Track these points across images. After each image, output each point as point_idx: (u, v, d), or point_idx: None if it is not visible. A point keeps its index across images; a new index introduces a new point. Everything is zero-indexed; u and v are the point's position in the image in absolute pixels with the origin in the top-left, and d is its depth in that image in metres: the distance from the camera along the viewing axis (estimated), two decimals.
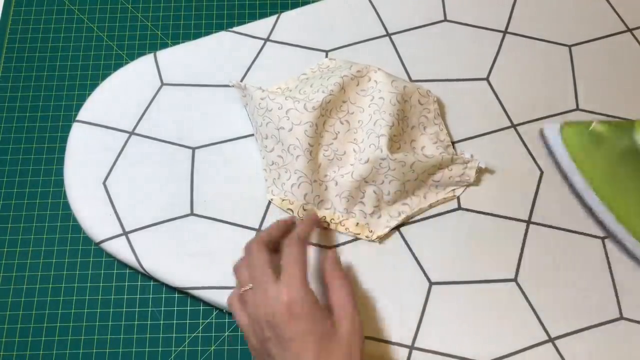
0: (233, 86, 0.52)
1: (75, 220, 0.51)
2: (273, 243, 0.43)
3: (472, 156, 0.49)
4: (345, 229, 0.48)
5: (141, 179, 0.51)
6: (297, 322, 0.37)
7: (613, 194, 0.39)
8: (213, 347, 0.48)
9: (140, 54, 0.57)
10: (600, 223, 0.41)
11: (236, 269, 0.42)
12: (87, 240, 0.51)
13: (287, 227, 0.45)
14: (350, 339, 0.39)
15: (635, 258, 0.41)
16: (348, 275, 0.45)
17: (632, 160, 0.36)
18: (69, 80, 0.57)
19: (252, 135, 0.52)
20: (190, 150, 0.52)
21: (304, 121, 0.47)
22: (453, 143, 0.51)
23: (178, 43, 0.56)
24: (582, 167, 0.40)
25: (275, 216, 0.49)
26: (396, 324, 0.46)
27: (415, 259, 0.48)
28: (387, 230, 0.48)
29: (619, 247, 0.41)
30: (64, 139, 0.53)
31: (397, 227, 0.49)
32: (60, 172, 0.53)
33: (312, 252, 0.48)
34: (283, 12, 0.57)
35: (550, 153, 0.43)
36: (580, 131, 0.40)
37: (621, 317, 0.46)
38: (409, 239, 0.48)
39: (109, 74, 0.55)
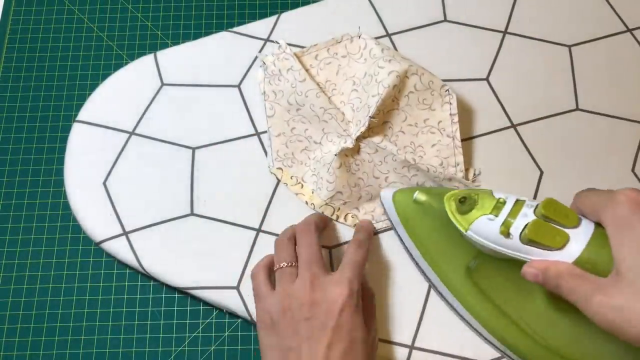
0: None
1: (75, 220, 0.51)
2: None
3: (475, 174, 0.50)
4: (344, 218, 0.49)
5: (141, 179, 0.51)
6: (347, 314, 0.38)
7: (434, 254, 0.44)
8: (213, 347, 0.48)
9: (140, 54, 0.57)
10: (427, 277, 0.46)
11: (280, 243, 0.44)
12: (87, 240, 0.51)
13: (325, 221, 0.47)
14: (373, 346, 0.42)
15: (452, 307, 0.45)
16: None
17: (447, 227, 0.40)
18: (69, 80, 0.57)
19: (252, 135, 0.52)
20: (190, 150, 0.52)
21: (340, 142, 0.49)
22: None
23: (178, 43, 0.56)
24: (408, 229, 0.45)
25: (276, 216, 0.49)
26: (396, 324, 0.46)
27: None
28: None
29: (441, 298, 0.46)
30: (64, 139, 0.53)
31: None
32: (60, 172, 0.53)
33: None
34: (283, 12, 0.57)
35: (387, 216, 0.47)
36: (406, 198, 0.44)
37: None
38: None
39: (109, 74, 0.55)
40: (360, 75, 0.51)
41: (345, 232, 0.49)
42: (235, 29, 0.56)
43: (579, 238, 0.35)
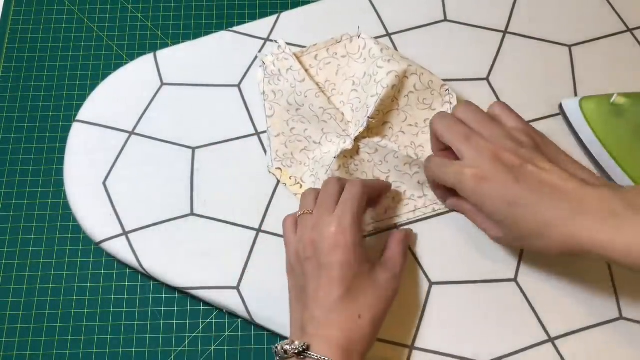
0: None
1: (75, 220, 0.51)
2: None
3: None
4: None
5: (141, 179, 0.51)
6: (338, 252, 0.40)
7: (633, 162, 0.42)
8: (213, 347, 0.48)
9: (140, 54, 0.57)
10: (612, 181, 0.44)
11: (305, 194, 0.45)
12: (87, 240, 0.51)
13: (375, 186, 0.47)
14: (385, 289, 0.41)
15: None
16: (408, 245, 0.47)
17: None
18: (69, 80, 0.57)
19: (252, 135, 0.52)
20: (190, 150, 0.52)
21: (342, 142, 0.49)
22: None
23: (178, 43, 0.56)
24: (603, 137, 0.42)
25: (276, 216, 0.49)
26: (396, 324, 0.46)
27: (416, 259, 0.48)
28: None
29: None
30: (64, 139, 0.53)
31: (397, 227, 0.49)
32: (60, 172, 0.53)
33: None
34: (283, 12, 0.57)
35: (570, 126, 0.45)
36: (600, 104, 0.43)
37: (620, 317, 0.46)
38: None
39: (109, 74, 0.55)
40: (359, 75, 0.51)
41: None
42: (235, 28, 0.56)
43: None
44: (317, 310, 0.39)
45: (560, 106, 0.47)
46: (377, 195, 0.47)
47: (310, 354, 0.37)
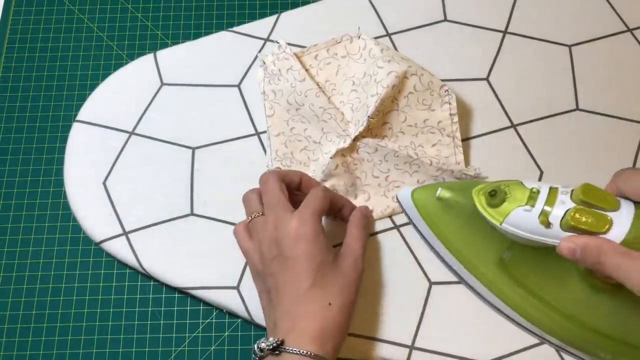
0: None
1: (75, 220, 0.51)
2: (287, 182, 0.45)
3: (475, 173, 0.49)
4: None
5: (141, 179, 0.51)
6: (302, 243, 0.40)
7: (462, 249, 0.44)
8: (213, 347, 0.48)
9: (140, 54, 0.57)
10: (454, 272, 0.46)
11: (247, 197, 0.45)
12: (87, 240, 0.51)
13: (305, 181, 0.47)
14: (349, 274, 0.42)
15: (484, 299, 0.45)
16: (367, 230, 0.47)
17: (475, 221, 0.41)
18: (69, 80, 0.57)
19: (252, 135, 0.52)
20: (190, 150, 0.52)
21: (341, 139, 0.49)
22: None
23: (178, 43, 0.56)
24: (432, 226, 0.45)
25: None
26: (396, 324, 0.46)
27: (415, 259, 0.48)
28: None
29: (471, 291, 0.46)
30: (64, 139, 0.53)
31: (397, 227, 0.49)
32: (60, 172, 0.53)
33: None
34: (283, 12, 0.57)
35: (406, 214, 0.47)
36: (427, 195, 0.44)
37: None
38: (408, 239, 0.48)
39: (109, 74, 0.55)
40: (359, 76, 0.51)
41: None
42: (235, 28, 0.56)
43: (622, 220, 0.34)
44: (288, 303, 0.39)
45: (397, 197, 0.48)
46: (338, 208, 0.47)
47: (285, 348, 0.37)
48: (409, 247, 0.48)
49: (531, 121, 0.52)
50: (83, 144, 0.52)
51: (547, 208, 0.36)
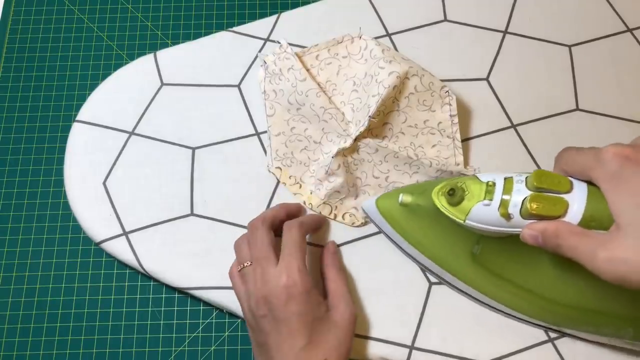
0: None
1: (75, 220, 0.51)
2: (277, 224, 0.45)
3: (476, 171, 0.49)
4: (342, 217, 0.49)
5: (141, 179, 0.51)
6: (293, 304, 0.39)
7: (433, 249, 0.45)
8: (213, 347, 0.48)
9: (140, 54, 0.57)
10: (433, 273, 0.47)
11: (237, 245, 0.44)
12: (87, 240, 0.51)
13: (292, 211, 0.47)
14: (342, 325, 0.41)
15: (467, 295, 0.46)
16: (342, 264, 0.47)
17: (441, 221, 0.41)
18: (69, 80, 0.57)
19: (252, 135, 0.52)
20: (190, 150, 0.52)
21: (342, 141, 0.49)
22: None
23: (178, 43, 0.56)
24: (400, 231, 0.45)
25: None
26: (396, 324, 0.46)
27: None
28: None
29: (453, 289, 0.47)
30: (64, 139, 0.53)
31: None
32: (60, 172, 0.53)
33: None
34: (283, 12, 0.57)
35: (374, 224, 0.48)
36: (391, 202, 0.45)
37: None
38: None
39: (109, 74, 0.55)
40: (360, 76, 0.51)
41: (345, 232, 0.49)
42: (235, 28, 0.56)
43: (577, 201, 0.35)
44: None
45: (362, 208, 0.48)
46: (314, 230, 0.47)
47: None
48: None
49: (531, 121, 0.52)
50: (83, 144, 0.52)
51: (505, 198, 0.37)
